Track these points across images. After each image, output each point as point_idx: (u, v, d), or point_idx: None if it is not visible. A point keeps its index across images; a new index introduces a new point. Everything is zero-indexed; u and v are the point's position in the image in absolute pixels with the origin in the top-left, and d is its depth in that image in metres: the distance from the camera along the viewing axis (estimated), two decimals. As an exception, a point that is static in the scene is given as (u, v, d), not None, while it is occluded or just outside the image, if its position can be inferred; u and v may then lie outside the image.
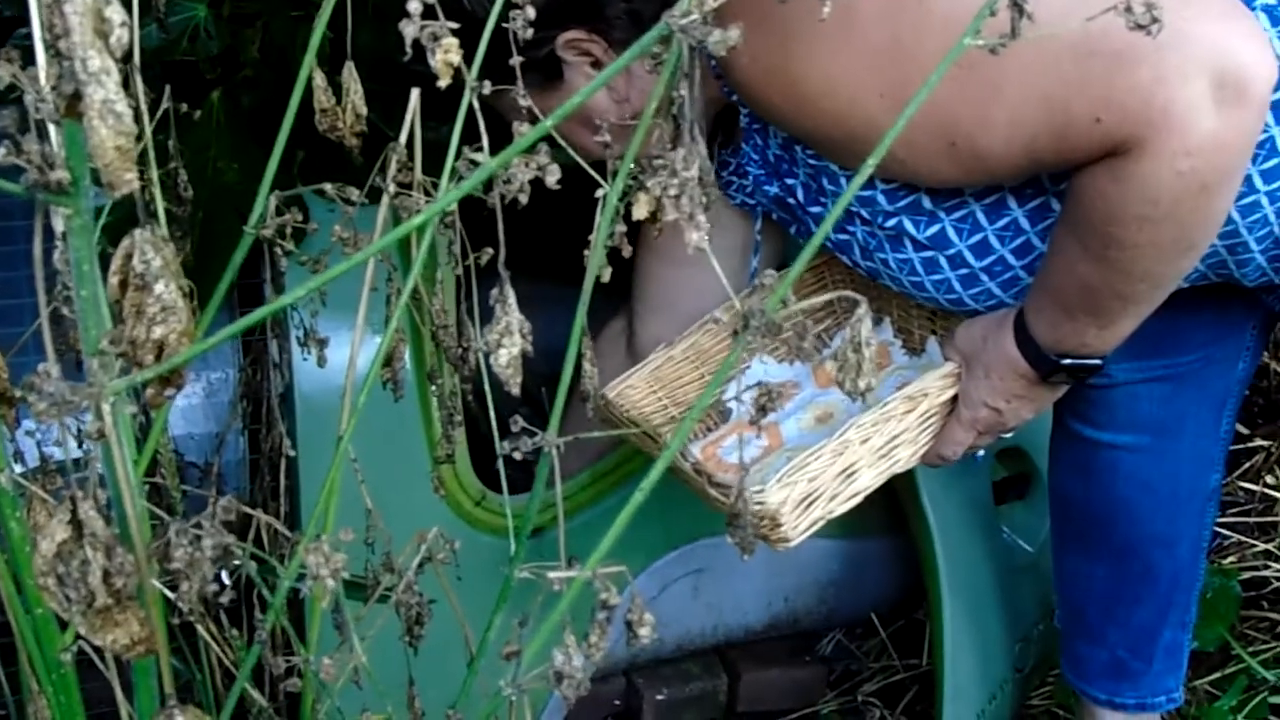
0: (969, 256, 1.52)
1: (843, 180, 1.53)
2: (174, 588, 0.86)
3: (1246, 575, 2.55)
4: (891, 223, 1.52)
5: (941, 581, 2.04)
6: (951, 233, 1.51)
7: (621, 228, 0.97)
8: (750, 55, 1.43)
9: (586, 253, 0.92)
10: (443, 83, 0.62)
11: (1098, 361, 1.50)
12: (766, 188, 1.66)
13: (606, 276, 1.00)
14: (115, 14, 0.60)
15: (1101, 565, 1.93)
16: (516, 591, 0.99)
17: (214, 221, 1.62)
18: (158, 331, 0.67)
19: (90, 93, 0.61)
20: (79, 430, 1.23)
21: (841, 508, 1.50)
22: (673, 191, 0.65)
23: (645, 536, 2.08)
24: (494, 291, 0.87)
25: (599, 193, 0.91)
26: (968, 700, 2.08)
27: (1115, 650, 1.98)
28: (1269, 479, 2.77)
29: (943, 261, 1.53)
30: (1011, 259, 1.51)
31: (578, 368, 1.01)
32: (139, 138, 0.99)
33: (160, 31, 1.48)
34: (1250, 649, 2.34)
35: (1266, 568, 2.58)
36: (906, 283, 1.58)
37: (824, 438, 1.48)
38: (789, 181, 1.62)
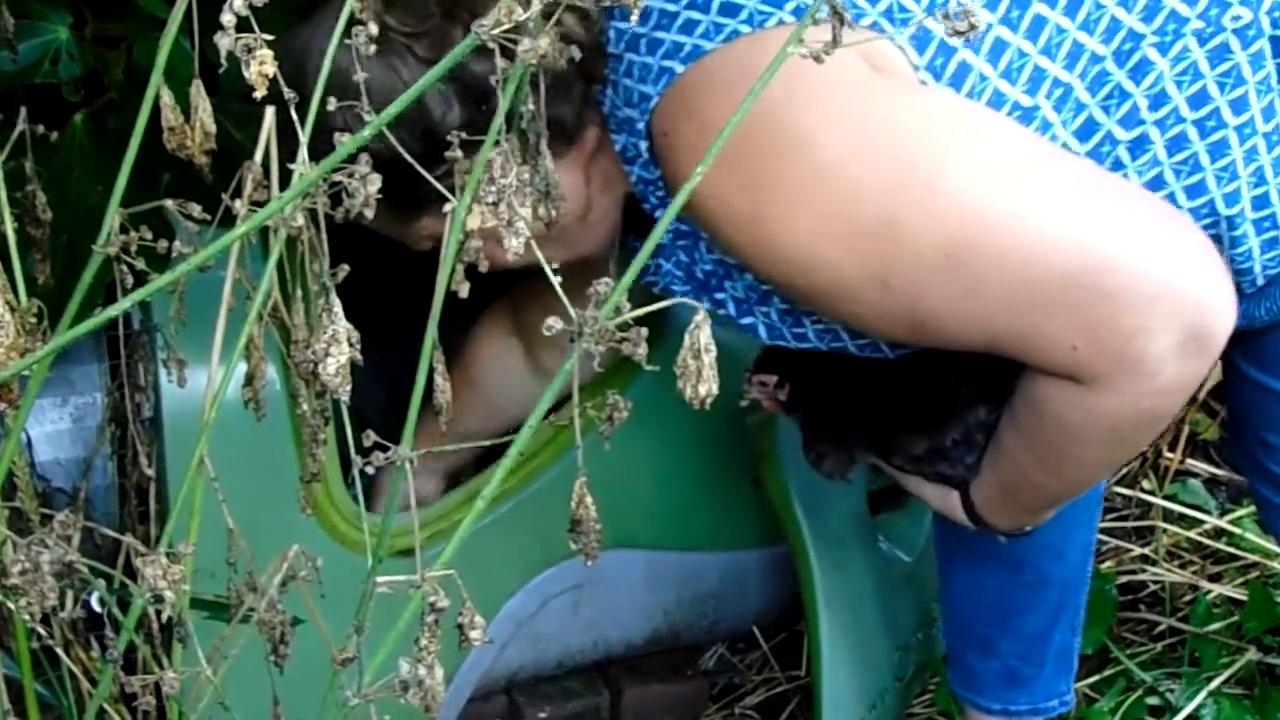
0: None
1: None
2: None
3: (1124, 579, 2.60)
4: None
5: (818, 593, 2.05)
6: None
7: (477, 243, 0.98)
8: (716, 192, 1.33)
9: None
10: (259, 94, 0.63)
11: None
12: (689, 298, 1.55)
13: (464, 292, 1.01)
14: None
15: (992, 575, 1.95)
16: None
17: (79, 245, 1.60)
18: (-16, 347, 0.67)
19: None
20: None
21: None
22: (490, 198, 0.66)
23: (523, 552, 2.07)
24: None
25: (447, 208, 0.92)
26: (847, 711, 2.09)
27: (1007, 660, 2.01)
28: (1144, 484, 2.83)
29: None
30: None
31: (429, 383, 1.01)
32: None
33: (11, 54, 1.46)
34: (1128, 651, 2.39)
35: (1143, 571, 2.64)
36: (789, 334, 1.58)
37: None
38: (719, 296, 1.57)
